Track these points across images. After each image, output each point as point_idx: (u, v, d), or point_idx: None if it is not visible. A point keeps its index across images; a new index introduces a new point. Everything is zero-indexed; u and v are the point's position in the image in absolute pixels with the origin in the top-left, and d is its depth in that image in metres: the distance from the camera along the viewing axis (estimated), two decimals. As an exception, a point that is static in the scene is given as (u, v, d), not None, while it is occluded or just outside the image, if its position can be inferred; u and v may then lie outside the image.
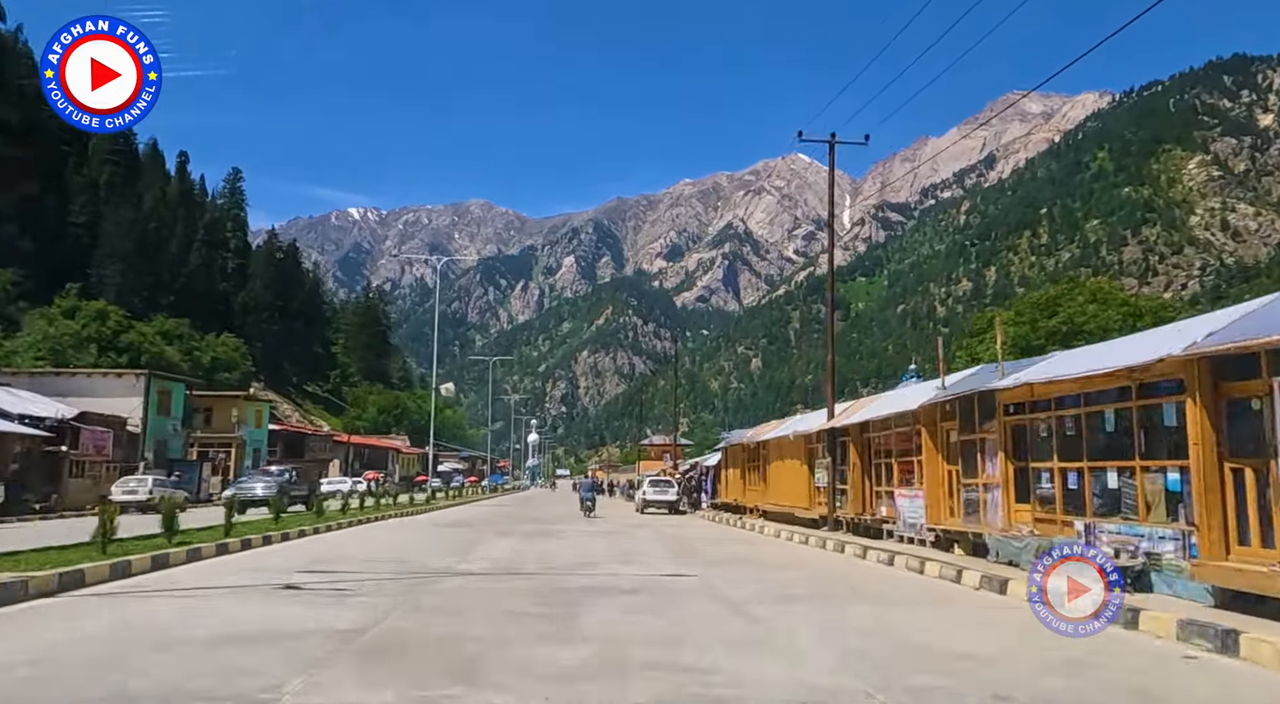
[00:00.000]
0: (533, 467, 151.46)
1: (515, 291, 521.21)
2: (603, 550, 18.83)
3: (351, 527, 24.73)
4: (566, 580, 12.99)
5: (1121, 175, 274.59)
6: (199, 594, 11.19)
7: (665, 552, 18.73)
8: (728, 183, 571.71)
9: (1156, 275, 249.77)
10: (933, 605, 11.20)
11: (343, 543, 20.20)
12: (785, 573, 14.86)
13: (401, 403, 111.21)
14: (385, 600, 10.40)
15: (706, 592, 11.84)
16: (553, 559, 16.67)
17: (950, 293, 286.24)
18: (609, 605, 10.31)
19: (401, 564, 15.13)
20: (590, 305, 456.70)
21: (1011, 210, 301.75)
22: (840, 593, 12.43)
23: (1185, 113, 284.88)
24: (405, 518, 31.08)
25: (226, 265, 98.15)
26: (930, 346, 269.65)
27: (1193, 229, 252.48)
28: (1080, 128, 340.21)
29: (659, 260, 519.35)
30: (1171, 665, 7.41)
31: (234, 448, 54.29)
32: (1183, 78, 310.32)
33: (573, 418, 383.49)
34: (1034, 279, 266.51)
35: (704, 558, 17.20)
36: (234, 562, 15.21)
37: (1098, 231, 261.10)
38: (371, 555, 16.91)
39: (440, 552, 17.91)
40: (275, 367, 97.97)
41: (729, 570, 14.80)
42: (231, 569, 13.89)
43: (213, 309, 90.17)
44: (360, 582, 12.42)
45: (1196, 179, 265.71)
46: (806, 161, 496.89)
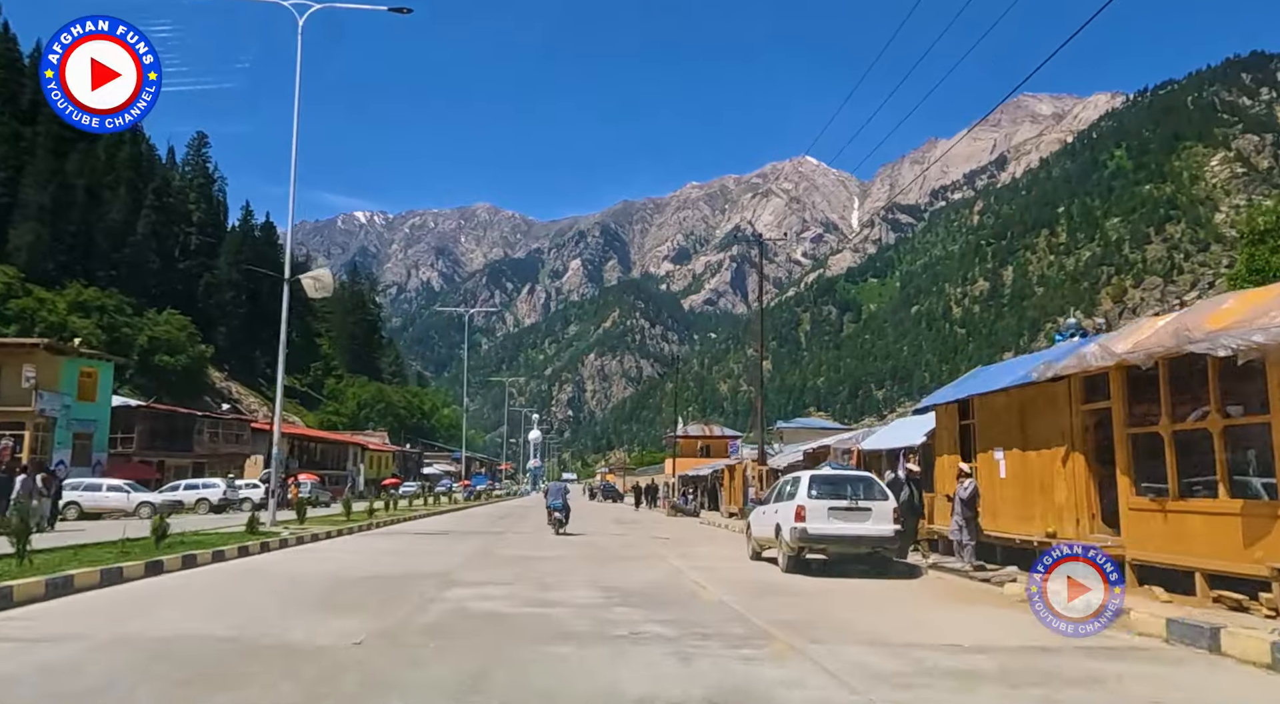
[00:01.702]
0: (535, 469, 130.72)
1: (521, 295, 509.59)
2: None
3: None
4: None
5: (1141, 173, 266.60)
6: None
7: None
8: (735, 186, 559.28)
9: (1182, 273, 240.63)
10: None
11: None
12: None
13: (385, 396, 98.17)
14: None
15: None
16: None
17: (966, 293, 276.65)
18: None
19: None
20: (597, 308, 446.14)
21: (1027, 209, 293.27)
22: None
23: (1205, 110, 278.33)
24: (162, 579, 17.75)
25: (190, 241, 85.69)
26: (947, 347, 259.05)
27: (1218, 226, 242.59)
28: (1094, 127, 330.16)
29: (666, 263, 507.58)
30: None
31: (30, 428, 34.88)
32: (1200, 75, 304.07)
33: (579, 422, 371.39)
34: (1053, 278, 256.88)
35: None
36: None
37: (1119, 230, 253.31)
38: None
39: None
40: (244, 356, 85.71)
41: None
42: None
43: (169, 289, 77.94)
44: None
45: (1220, 176, 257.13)
46: (814, 164, 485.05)
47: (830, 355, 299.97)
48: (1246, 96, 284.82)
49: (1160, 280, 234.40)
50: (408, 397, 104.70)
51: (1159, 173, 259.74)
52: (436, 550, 17.26)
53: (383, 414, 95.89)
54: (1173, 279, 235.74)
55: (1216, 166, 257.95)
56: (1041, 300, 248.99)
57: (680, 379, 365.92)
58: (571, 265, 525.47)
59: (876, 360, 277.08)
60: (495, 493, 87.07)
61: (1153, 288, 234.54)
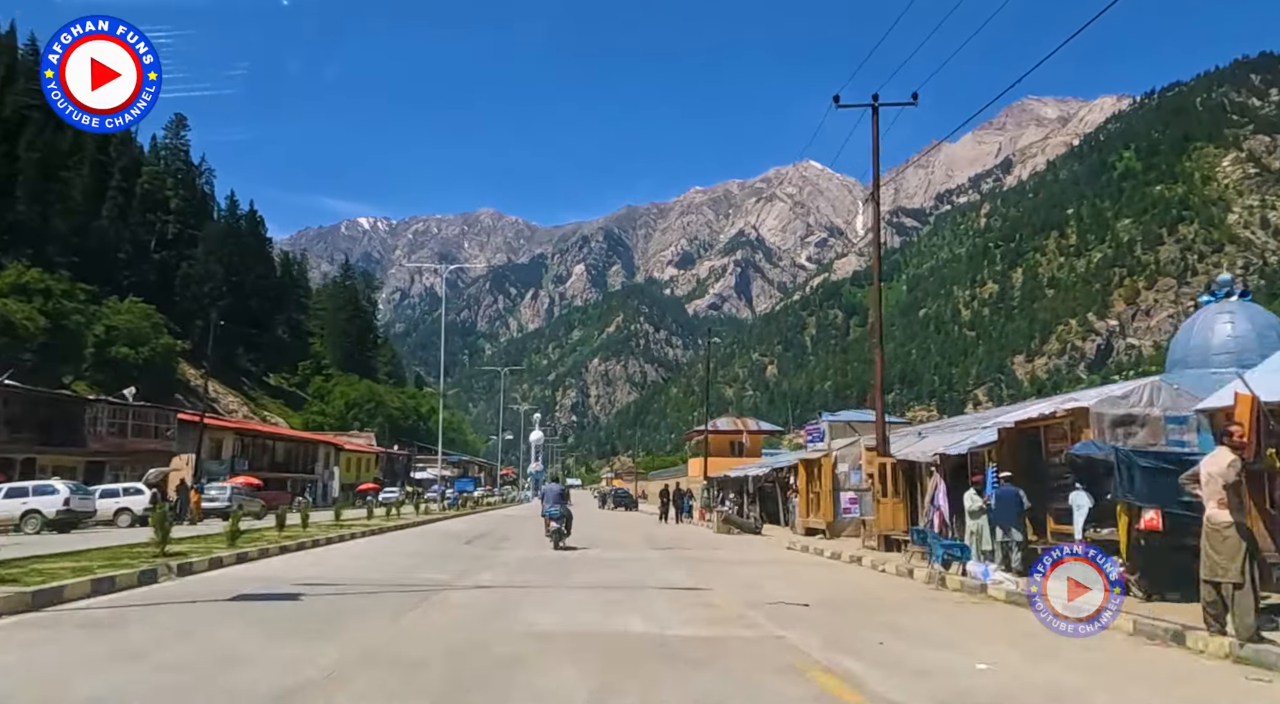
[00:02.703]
0: (536, 474, 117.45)
1: (525, 300, 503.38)
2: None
3: None
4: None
5: (1152, 174, 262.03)
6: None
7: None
8: (739, 190, 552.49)
9: (1196, 275, 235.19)
10: None
11: None
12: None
13: (376, 396, 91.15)
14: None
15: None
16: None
17: (975, 295, 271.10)
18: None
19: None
20: (601, 313, 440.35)
21: (1035, 212, 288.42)
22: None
23: (1214, 111, 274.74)
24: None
25: (167, 230, 79.27)
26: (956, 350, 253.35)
27: (1232, 227, 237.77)
28: (1101, 130, 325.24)
29: (670, 268, 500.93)
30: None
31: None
32: (1209, 77, 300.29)
33: (583, 427, 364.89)
34: (1064, 280, 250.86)
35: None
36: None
37: (1130, 231, 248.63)
38: None
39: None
40: (225, 353, 79.28)
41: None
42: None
43: (142, 279, 71.56)
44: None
45: (1232, 176, 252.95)
46: (818, 169, 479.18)
47: (837, 359, 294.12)
48: (1256, 97, 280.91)
49: (1174, 281, 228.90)
50: (403, 398, 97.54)
51: (1170, 173, 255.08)
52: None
53: (372, 414, 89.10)
54: (1187, 281, 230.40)
55: (1228, 167, 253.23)
56: (1052, 302, 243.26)
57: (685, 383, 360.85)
58: (575, 270, 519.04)
59: (884, 364, 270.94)
60: (488, 499, 77.05)
61: (1166, 289, 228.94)
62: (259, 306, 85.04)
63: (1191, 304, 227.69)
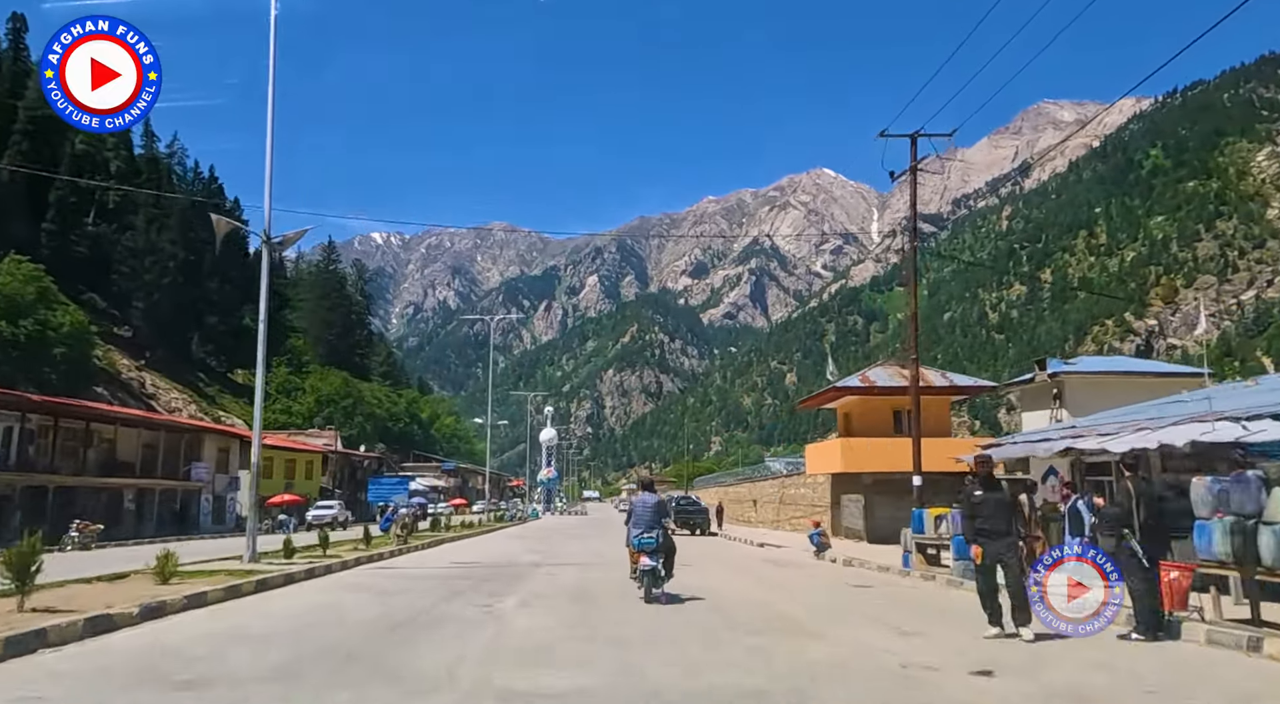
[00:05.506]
0: (548, 481, 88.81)
1: (538, 312, 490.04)
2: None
3: None
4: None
5: (1183, 170, 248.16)
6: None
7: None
8: (752, 199, 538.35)
9: (1237, 272, 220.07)
10: None
11: None
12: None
13: (355, 393, 76.57)
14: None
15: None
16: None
17: (1002, 298, 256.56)
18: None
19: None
20: (615, 323, 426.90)
21: (1061, 212, 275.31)
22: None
23: (1243, 106, 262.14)
24: None
25: (107, 199, 65.69)
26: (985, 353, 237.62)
27: (1272, 222, 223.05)
28: (1123, 130, 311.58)
29: (684, 278, 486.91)
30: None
31: None
32: (1234, 73, 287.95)
33: (599, 438, 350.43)
34: (1096, 280, 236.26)
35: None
36: None
37: (1164, 228, 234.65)
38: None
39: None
40: (176, 342, 65.46)
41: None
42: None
43: (67, 254, 57.81)
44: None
45: (1268, 171, 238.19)
46: (832, 176, 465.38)
47: (859, 365, 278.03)
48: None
49: (1214, 279, 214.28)
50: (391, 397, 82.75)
51: (1202, 169, 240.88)
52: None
53: (350, 413, 74.62)
54: (1228, 278, 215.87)
55: (1264, 162, 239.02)
56: (1086, 303, 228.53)
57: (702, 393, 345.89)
58: (589, 282, 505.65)
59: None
60: (479, 520, 49.81)
61: (1206, 287, 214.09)
62: (221, 291, 71.02)
63: (1234, 303, 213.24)
